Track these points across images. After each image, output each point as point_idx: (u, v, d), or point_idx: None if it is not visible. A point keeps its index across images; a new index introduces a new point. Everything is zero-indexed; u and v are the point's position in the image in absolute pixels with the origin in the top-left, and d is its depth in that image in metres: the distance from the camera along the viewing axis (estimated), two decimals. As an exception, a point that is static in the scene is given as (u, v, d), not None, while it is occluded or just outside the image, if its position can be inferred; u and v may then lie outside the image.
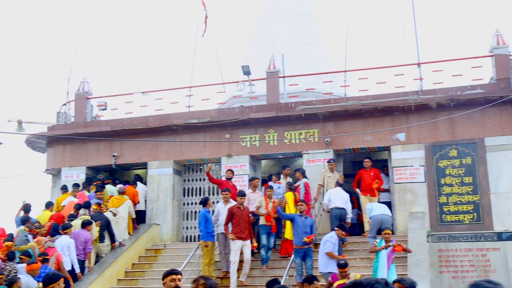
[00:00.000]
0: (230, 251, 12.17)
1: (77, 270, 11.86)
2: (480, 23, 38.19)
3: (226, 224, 12.20)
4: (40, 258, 10.28)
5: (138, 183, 15.62)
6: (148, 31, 45.75)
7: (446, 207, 13.29)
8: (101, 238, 13.07)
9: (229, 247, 12.30)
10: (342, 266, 9.34)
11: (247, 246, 12.16)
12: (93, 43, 45.49)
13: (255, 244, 12.47)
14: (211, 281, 5.07)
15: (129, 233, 14.34)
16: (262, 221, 12.80)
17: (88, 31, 43.86)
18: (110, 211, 13.61)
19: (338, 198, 12.95)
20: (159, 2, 47.37)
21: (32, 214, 13.76)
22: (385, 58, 32.44)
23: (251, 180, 13.78)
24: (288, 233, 12.45)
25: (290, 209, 12.55)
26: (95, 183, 15.12)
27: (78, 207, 13.58)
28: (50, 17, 48.08)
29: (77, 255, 11.92)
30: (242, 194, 12.54)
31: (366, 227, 13.18)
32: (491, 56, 14.09)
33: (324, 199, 13.24)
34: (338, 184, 13.25)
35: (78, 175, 16.23)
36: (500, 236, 12.72)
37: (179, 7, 46.33)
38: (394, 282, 8.63)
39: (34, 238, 11.98)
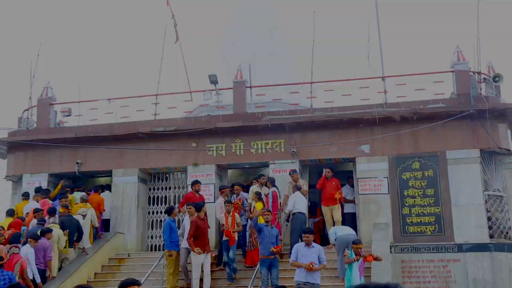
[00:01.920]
0: (192, 265, 12.02)
1: (38, 280, 11.60)
2: (442, 39, 39.21)
3: (190, 237, 11.90)
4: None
5: (107, 191, 15.41)
6: (115, 37, 45.26)
7: (409, 219, 13.54)
8: (70, 243, 12.84)
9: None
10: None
11: (207, 258, 12.10)
12: (57, 48, 44.68)
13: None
14: None
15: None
16: (224, 236, 12.74)
17: (52, 35, 43.10)
18: (79, 213, 13.38)
19: (302, 203, 13.14)
20: (125, 9, 47.02)
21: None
22: (350, 70, 32.90)
23: (222, 188, 13.71)
24: None
25: (261, 219, 12.54)
26: (63, 188, 14.87)
27: (37, 210, 13.33)
28: (13, 20, 47.10)
29: (36, 264, 11.66)
30: (203, 204, 12.47)
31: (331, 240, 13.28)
32: (452, 71, 14.48)
33: (288, 204, 13.28)
34: (297, 188, 13.32)
35: (40, 182, 15.85)
36: (460, 248, 13.03)
37: (146, 12, 46.06)
38: None
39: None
